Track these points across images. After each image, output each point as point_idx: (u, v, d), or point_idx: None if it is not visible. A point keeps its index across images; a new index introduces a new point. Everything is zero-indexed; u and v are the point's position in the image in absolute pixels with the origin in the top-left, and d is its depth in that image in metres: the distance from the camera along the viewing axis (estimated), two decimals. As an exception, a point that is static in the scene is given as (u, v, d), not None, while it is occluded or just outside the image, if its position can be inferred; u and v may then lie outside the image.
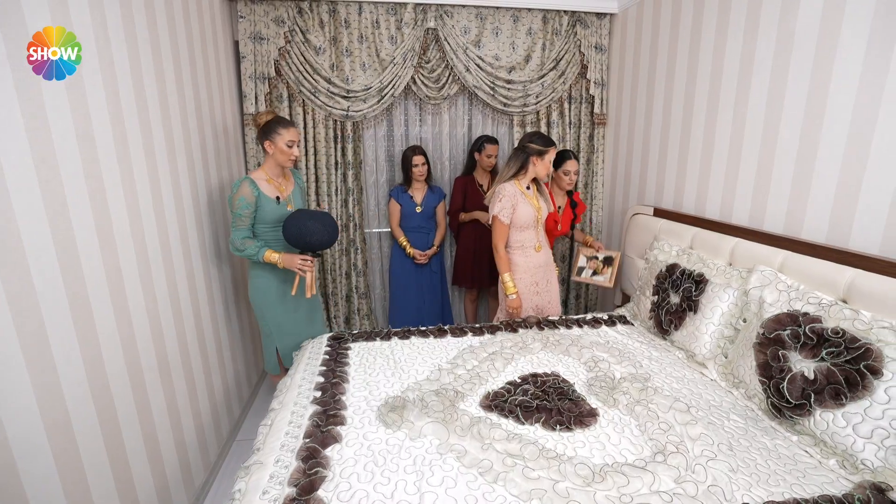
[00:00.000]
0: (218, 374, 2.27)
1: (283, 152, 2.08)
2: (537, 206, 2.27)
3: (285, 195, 2.18)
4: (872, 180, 1.54)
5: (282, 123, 2.08)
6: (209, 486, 2.06)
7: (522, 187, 2.25)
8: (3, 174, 1.04)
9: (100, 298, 1.36)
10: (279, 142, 2.06)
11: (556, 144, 2.27)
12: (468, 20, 2.95)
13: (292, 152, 2.09)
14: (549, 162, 2.24)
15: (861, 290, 1.43)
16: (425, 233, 2.99)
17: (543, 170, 2.24)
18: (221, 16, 2.57)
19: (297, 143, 2.12)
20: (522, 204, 2.22)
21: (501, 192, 2.20)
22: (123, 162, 1.51)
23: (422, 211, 2.93)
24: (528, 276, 2.30)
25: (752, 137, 2.01)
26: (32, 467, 1.10)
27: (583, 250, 2.73)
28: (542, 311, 2.38)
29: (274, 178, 2.15)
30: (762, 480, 1.19)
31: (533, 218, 2.25)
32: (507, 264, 2.25)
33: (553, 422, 1.43)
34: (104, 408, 1.36)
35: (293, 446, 1.33)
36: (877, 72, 1.51)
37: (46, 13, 1.19)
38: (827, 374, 1.31)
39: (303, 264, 2.05)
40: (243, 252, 2.06)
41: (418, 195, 2.94)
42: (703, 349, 1.83)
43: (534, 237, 2.28)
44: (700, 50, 2.29)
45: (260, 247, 2.06)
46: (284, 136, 2.06)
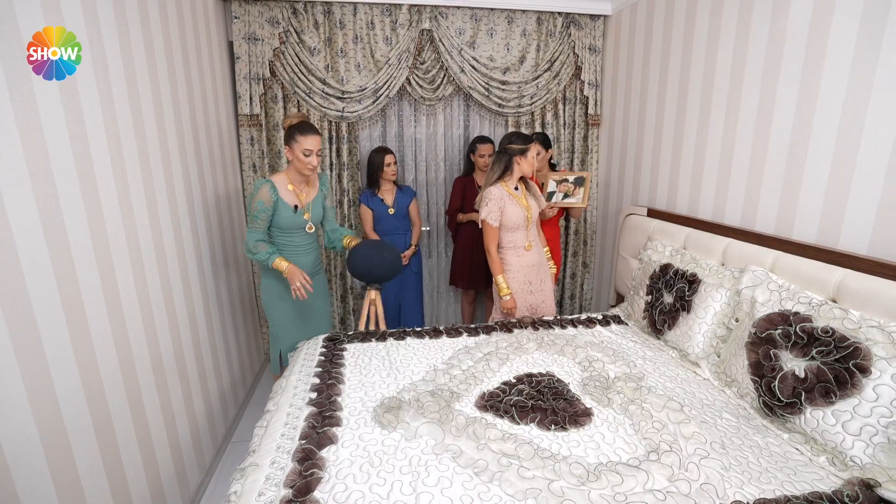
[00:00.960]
0: (213, 375, 2.26)
1: (300, 161, 2.00)
2: (526, 206, 2.28)
3: (305, 202, 2.12)
4: (861, 181, 1.56)
5: (301, 130, 1.98)
6: (204, 488, 2.06)
7: (510, 189, 2.26)
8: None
9: (93, 299, 1.36)
10: (296, 149, 1.98)
11: (534, 139, 2.33)
12: (463, 21, 2.96)
13: (309, 162, 1.99)
14: (531, 158, 2.27)
15: (850, 289, 1.45)
16: (402, 234, 2.92)
17: (528, 167, 2.27)
18: (215, 16, 2.56)
19: (318, 152, 2.02)
20: (511, 205, 2.23)
21: (488, 196, 2.22)
22: (117, 161, 1.50)
23: (395, 213, 2.85)
24: (521, 275, 2.32)
25: (743, 138, 2.03)
26: (25, 469, 1.10)
27: (551, 174, 2.67)
28: (536, 309, 2.39)
29: (296, 184, 2.09)
30: (754, 478, 1.21)
31: (522, 218, 2.26)
32: (499, 266, 2.28)
33: (548, 421, 1.44)
34: (98, 409, 1.36)
35: (289, 448, 1.33)
36: (865, 74, 1.53)
37: (39, 13, 1.18)
38: (817, 373, 1.33)
39: (301, 286, 1.99)
40: (255, 255, 2.03)
41: (388, 197, 2.85)
42: (696, 349, 1.85)
43: (524, 237, 2.30)
44: (693, 51, 2.31)
45: (271, 252, 2.01)
46: (301, 144, 1.97)
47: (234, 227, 2.74)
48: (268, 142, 2.93)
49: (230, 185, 2.71)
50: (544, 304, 2.42)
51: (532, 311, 2.39)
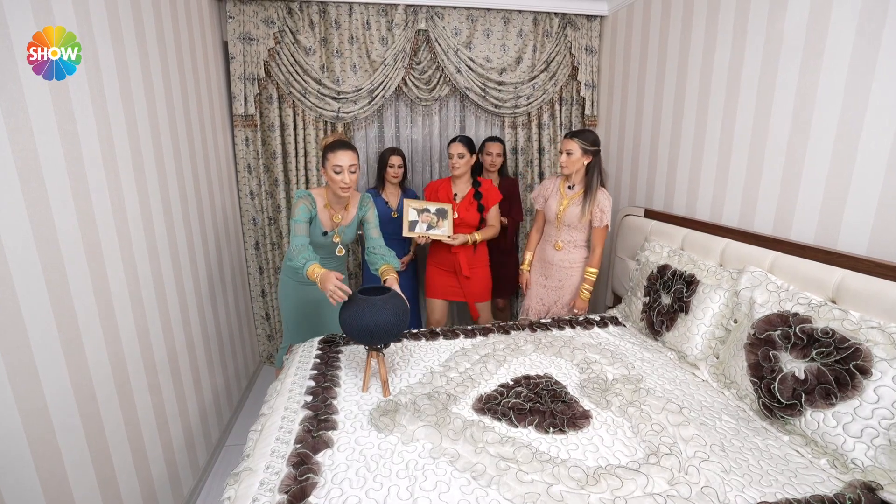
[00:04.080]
0: (207, 377, 2.23)
1: (332, 179, 1.88)
2: (563, 206, 2.33)
3: (336, 226, 2.03)
4: (860, 181, 1.56)
5: (331, 147, 1.88)
6: (198, 493, 2.03)
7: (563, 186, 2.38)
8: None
9: (84, 300, 1.33)
10: (327, 167, 1.88)
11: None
12: (459, 21, 2.95)
13: (340, 180, 1.86)
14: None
15: (850, 290, 1.44)
16: (402, 238, 2.82)
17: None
18: (210, 16, 2.54)
19: (351, 168, 1.87)
20: (552, 199, 2.39)
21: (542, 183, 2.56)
22: (109, 161, 1.48)
23: (398, 216, 2.76)
24: (539, 266, 2.50)
25: (741, 139, 2.02)
26: (11, 471, 1.07)
27: (410, 202, 2.45)
28: (548, 309, 2.50)
29: (332, 205, 2.00)
30: (755, 481, 1.19)
31: (553, 214, 2.38)
32: (529, 244, 2.56)
33: (546, 424, 1.43)
34: (87, 409, 1.33)
35: (284, 452, 1.31)
36: (864, 73, 1.53)
37: (29, 13, 1.16)
38: (817, 375, 1.32)
39: (336, 290, 1.63)
40: (292, 261, 1.84)
41: (393, 199, 2.80)
42: (694, 350, 1.84)
43: (555, 233, 2.40)
44: (690, 52, 2.31)
45: (307, 260, 1.76)
46: (331, 161, 1.85)
47: (229, 227, 2.71)
48: (263, 142, 2.90)
49: (224, 186, 2.68)
50: (556, 306, 2.48)
51: (541, 304, 2.50)
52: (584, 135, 2.22)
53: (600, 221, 2.27)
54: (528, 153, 3.21)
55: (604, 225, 2.27)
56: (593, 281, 2.35)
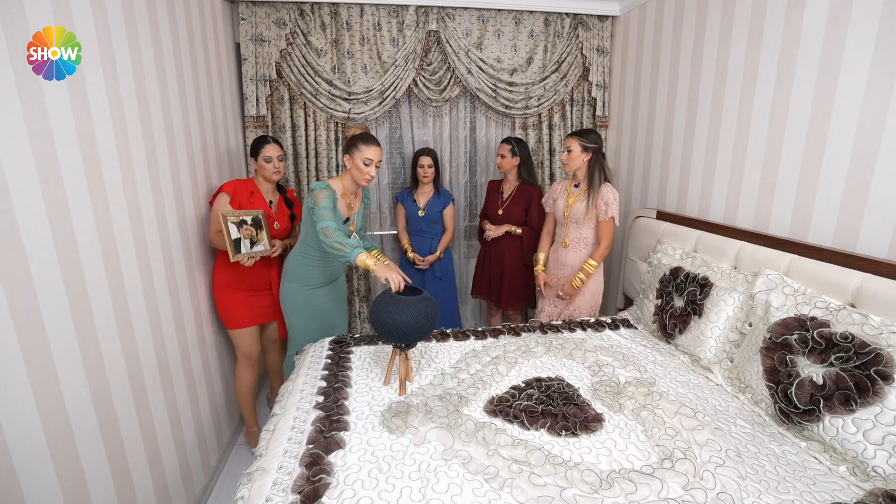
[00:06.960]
0: (219, 375, 2.25)
1: (360, 170, 1.96)
2: (569, 205, 2.39)
3: (351, 213, 2.10)
4: (881, 182, 1.53)
5: (364, 139, 1.97)
6: (210, 491, 2.04)
7: (570, 185, 2.44)
8: (3, 175, 1.03)
9: (100, 300, 1.35)
10: (357, 157, 1.96)
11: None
12: (470, 22, 2.94)
13: (368, 171, 1.96)
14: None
15: (870, 294, 1.41)
16: (428, 238, 2.89)
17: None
18: (223, 17, 2.56)
19: (377, 164, 1.98)
20: (560, 199, 2.47)
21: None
22: (125, 162, 1.50)
23: (424, 215, 2.84)
24: (550, 263, 2.55)
25: (756, 139, 2.00)
26: (32, 471, 1.08)
27: (226, 214, 2.01)
28: (560, 310, 2.51)
29: (347, 194, 2.06)
30: (772, 487, 1.18)
31: (559, 213, 2.45)
32: (541, 245, 2.62)
33: (558, 427, 1.42)
34: (104, 409, 1.35)
35: (296, 452, 1.31)
36: (885, 73, 1.50)
37: (49, 13, 1.18)
38: (836, 380, 1.30)
39: (401, 280, 1.69)
40: (334, 249, 1.77)
41: (422, 199, 2.86)
42: (708, 353, 1.82)
43: (562, 232, 2.46)
44: (703, 52, 2.28)
45: (355, 247, 1.75)
46: (363, 153, 1.95)
47: (241, 228, 2.73)
48: (274, 143, 2.92)
49: (237, 187, 2.70)
50: (567, 309, 2.50)
51: (553, 306, 2.53)
52: (584, 133, 2.30)
53: (605, 214, 2.27)
54: (539, 154, 3.20)
55: (609, 217, 2.27)
56: (590, 273, 2.33)
